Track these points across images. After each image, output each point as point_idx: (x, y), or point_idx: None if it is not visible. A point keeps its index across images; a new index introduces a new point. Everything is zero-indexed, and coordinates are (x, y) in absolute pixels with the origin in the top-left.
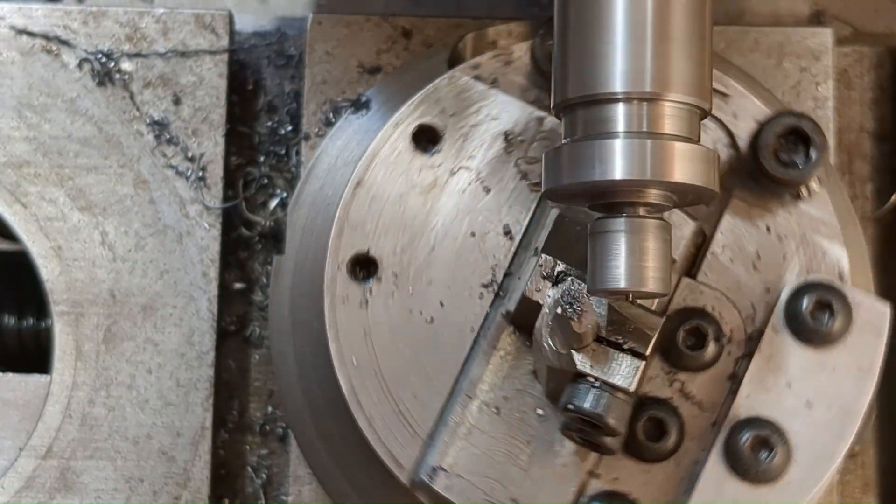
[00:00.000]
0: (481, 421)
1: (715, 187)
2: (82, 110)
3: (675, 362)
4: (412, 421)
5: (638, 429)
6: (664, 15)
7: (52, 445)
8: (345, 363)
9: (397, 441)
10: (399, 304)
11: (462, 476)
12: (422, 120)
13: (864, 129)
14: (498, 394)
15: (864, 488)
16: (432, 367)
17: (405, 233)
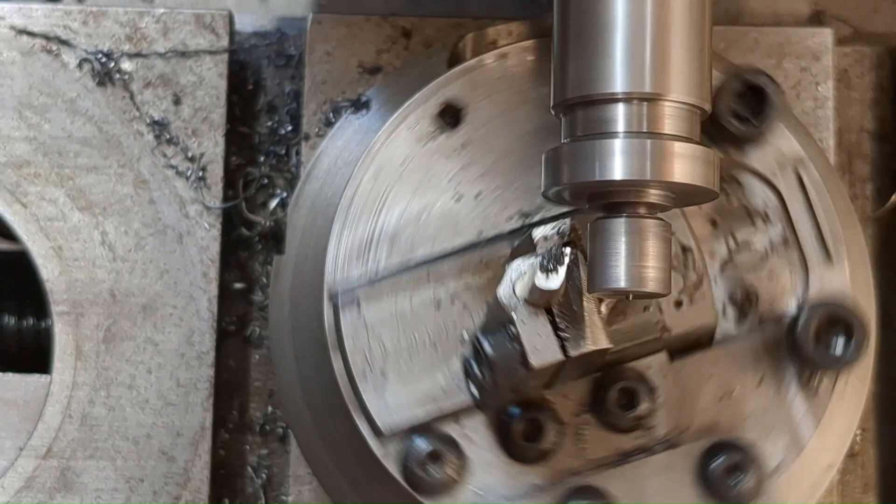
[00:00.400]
0: (419, 300)
1: (715, 187)
2: (82, 110)
3: (595, 404)
4: (373, 256)
5: (520, 421)
6: (664, 15)
7: (52, 445)
8: (368, 169)
9: (349, 260)
10: (448, 167)
11: (365, 324)
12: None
13: (865, 129)
14: (450, 293)
15: (864, 488)
16: (426, 234)
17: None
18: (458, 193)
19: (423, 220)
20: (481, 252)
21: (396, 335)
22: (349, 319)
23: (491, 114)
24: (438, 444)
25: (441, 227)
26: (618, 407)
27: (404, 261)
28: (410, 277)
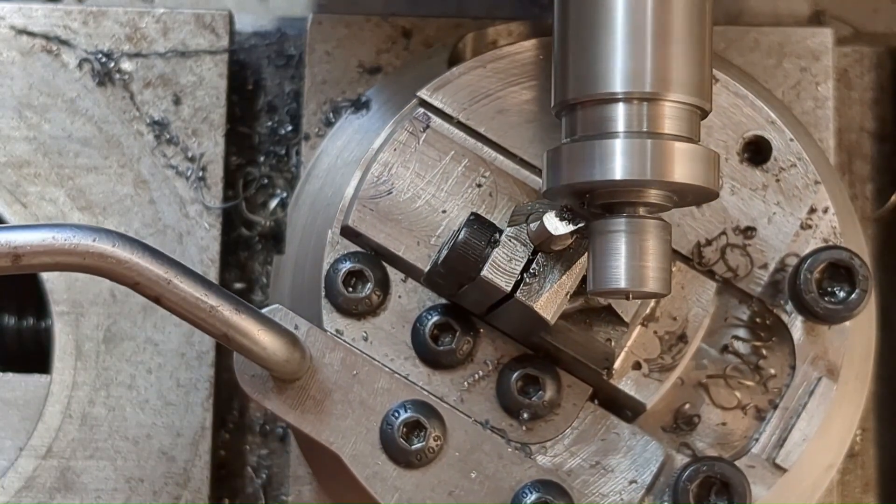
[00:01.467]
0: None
1: (715, 187)
2: (82, 110)
3: (500, 381)
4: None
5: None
6: (664, 15)
7: (52, 445)
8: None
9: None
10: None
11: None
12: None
13: (865, 129)
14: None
15: (864, 488)
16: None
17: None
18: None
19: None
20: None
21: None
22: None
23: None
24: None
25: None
26: (518, 392)
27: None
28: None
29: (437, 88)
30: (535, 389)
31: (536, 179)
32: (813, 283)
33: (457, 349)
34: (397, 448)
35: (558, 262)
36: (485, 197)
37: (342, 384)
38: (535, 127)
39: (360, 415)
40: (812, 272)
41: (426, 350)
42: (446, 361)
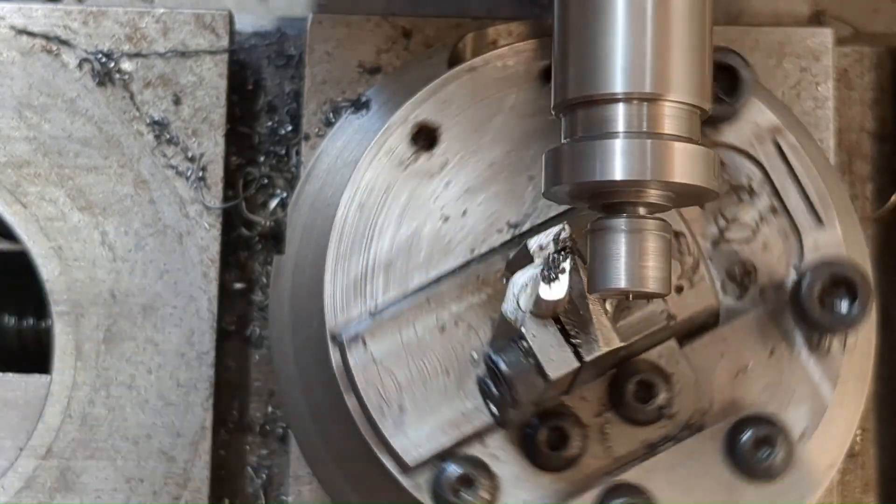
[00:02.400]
0: (423, 327)
1: (715, 187)
2: (82, 110)
3: (614, 401)
4: (370, 289)
5: (543, 431)
6: (664, 15)
7: (52, 445)
8: (352, 200)
9: (346, 297)
10: (431, 189)
11: (374, 359)
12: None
13: (865, 129)
14: (453, 315)
15: (864, 488)
16: (419, 258)
17: (478, 130)
18: (444, 215)
19: (414, 246)
20: (477, 269)
21: (407, 366)
22: (357, 358)
23: (465, 130)
24: (467, 468)
25: (433, 250)
26: (637, 400)
27: (402, 290)
28: (411, 305)
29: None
30: (651, 391)
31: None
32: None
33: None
34: None
35: (575, 301)
36: (464, 332)
37: None
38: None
39: None
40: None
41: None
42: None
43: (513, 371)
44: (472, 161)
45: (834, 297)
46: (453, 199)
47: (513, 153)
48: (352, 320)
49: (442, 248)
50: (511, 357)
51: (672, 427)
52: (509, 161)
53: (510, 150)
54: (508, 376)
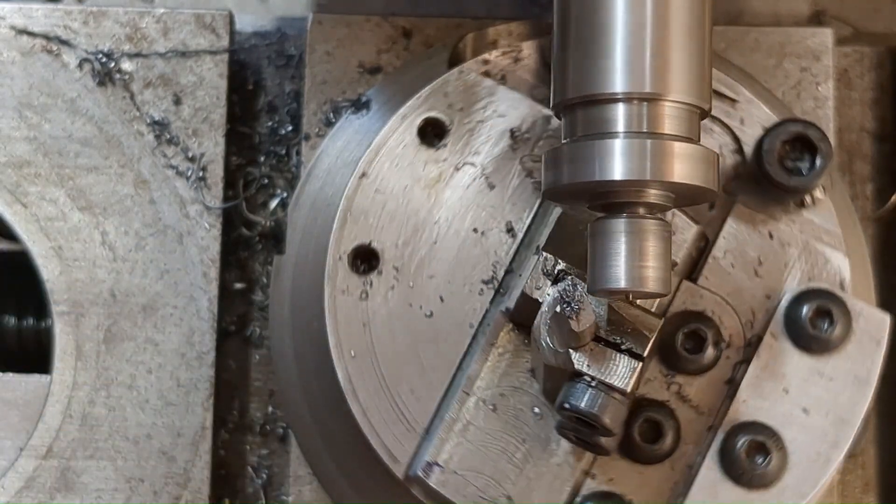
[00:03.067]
0: (477, 417)
1: (714, 187)
2: (83, 110)
3: (674, 365)
4: (408, 415)
5: (634, 430)
6: (664, 15)
7: (52, 445)
8: (343, 354)
9: (393, 435)
10: (399, 298)
11: (457, 472)
12: (429, 114)
13: (865, 129)
14: (495, 391)
15: (865, 488)
16: (430, 362)
17: (408, 226)
18: (426, 312)
19: (418, 354)
20: (487, 339)
21: (487, 459)
22: (442, 482)
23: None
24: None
25: (437, 348)
26: (692, 352)
27: (435, 397)
28: (454, 407)
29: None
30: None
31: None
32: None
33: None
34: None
35: (600, 313)
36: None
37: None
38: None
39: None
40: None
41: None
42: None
43: (594, 407)
44: (417, 254)
45: (791, 157)
46: (424, 294)
47: (446, 223)
48: (412, 454)
49: (444, 341)
50: (583, 395)
51: (735, 354)
52: (447, 230)
53: (442, 223)
54: (592, 413)
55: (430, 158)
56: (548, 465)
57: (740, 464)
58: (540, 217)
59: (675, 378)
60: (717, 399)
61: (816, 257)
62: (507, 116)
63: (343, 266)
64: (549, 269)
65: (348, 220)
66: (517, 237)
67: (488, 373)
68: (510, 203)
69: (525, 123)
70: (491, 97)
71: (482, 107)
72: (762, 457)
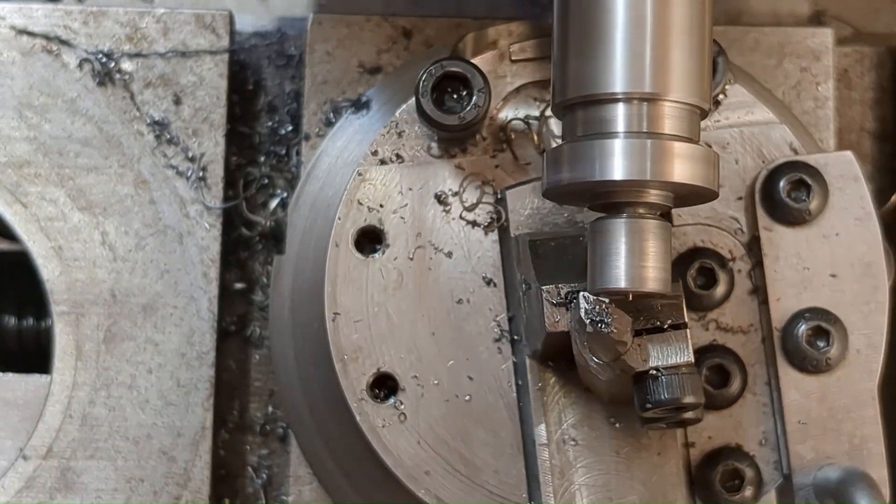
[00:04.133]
0: (567, 458)
1: (715, 187)
2: (83, 110)
3: (699, 306)
4: (506, 494)
5: (703, 383)
6: (664, 15)
7: (52, 445)
8: (418, 479)
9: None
10: (434, 401)
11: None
12: (357, 227)
13: (865, 129)
14: (567, 427)
15: None
16: (494, 438)
17: (402, 335)
18: (462, 396)
19: (484, 439)
20: (533, 390)
21: (604, 487)
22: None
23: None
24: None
25: (494, 425)
26: (706, 287)
27: (520, 463)
28: (546, 461)
29: None
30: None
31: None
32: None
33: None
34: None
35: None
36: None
37: None
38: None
39: None
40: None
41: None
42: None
43: (674, 392)
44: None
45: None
46: (449, 386)
47: (427, 319)
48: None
49: (495, 415)
50: (656, 388)
51: (744, 262)
52: (436, 322)
53: (428, 320)
54: (675, 400)
55: (382, 265)
56: (651, 459)
57: (810, 355)
58: (507, 255)
59: (708, 316)
60: (754, 312)
61: (758, 139)
62: (423, 186)
63: (368, 403)
64: (558, 297)
65: (347, 362)
66: (499, 285)
67: (551, 415)
68: (474, 259)
69: (442, 183)
70: (399, 179)
71: (397, 192)
72: (823, 339)
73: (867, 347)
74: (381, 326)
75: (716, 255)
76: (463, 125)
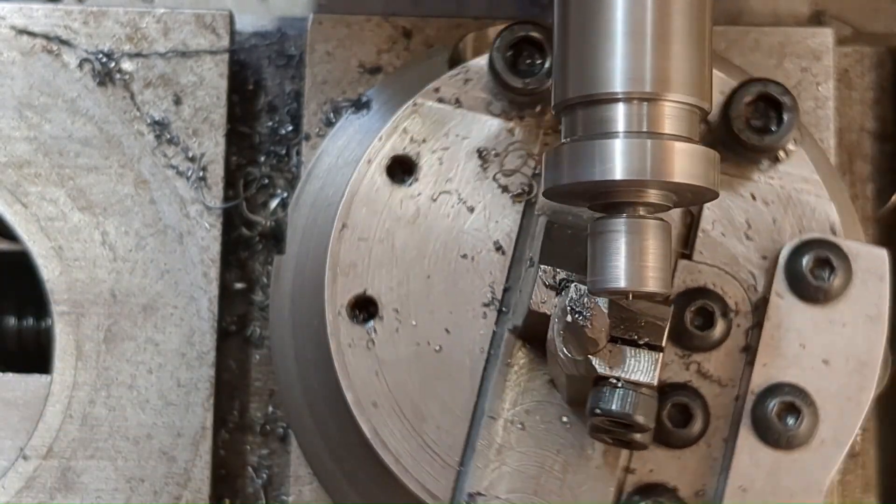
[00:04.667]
0: (509, 439)
1: (715, 187)
2: (83, 110)
3: (688, 344)
4: (440, 452)
5: (664, 416)
6: (664, 15)
7: (52, 445)
8: (363, 407)
9: (429, 474)
10: (405, 339)
11: (500, 497)
12: (394, 152)
13: (865, 129)
14: (520, 409)
15: (865, 488)
16: (450, 396)
17: (398, 267)
18: (434, 347)
19: (436, 392)
20: (501, 360)
21: (528, 479)
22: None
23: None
24: (650, 499)
25: (453, 383)
26: (703, 328)
27: (462, 429)
28: (483, 434)
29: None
30: (710, 317)
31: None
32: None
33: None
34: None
35: (611, 313)
36: (539, 418)
37: None
38: None
39: None
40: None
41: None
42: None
43: (626, 408)
44: (412, 296)
45: (757, 118)
46: (428, 334)
47: (431, 262)
48: (452, 489)
49: (458, 374)
50: (609, 397)
51: (745, 319)
52: (435, 268)
53: (426, 262)
54: (626, 414)
55: (404, 196)
56: (587, 470)
57: (775, 427)
58: (525, 229)
59: (692, 357)
60: (737, 368)
61: (802, 208)
62: (470, 138)
63: (343, 319)
64: (552, 280)
65: (338, 274)
66: (507, 254)
67: (509, 393)
68: (493, 222)
69: (489, 140)
70: (450, 122)
71: (444, 133)
72: (794, 417)
73: (833, 441)
74: (381, 252)
75: (721, 302)
76: (526, 90)
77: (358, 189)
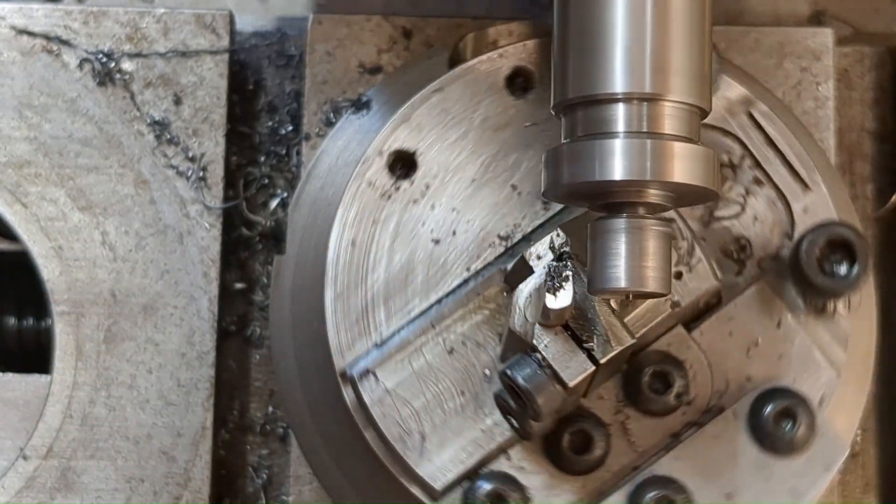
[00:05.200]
0: (431, 351)
1: (714, 187)
2: (83, 110)
3: (631, 396)
4: (372, 321)
5: (565, 436)
6: (664, 15)
7: (52, 445)
8: (341, 237)
9: (350, 332)
10: (417, 213)
11: (387, 390)
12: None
13: (865, 129)
14: (459, 336)
15: (865, 488)
16: (416, 284)
17: (456, 154)
18: (434, 238)
19: (409, 273)
20: (476, 287)
21: (421, 393)
22: (371, 393)
23: (441, 151)
24: (497, 483)
25: (429, 274)
26: (653, 392)
27: (404, 318)
28: (415, 332)
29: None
30: (666, 379)
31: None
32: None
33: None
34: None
35: (581, 305)
36: (473, 351)
37: None
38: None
39: None
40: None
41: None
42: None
43: (531, 384)
44: (454, 180)
45: (832, 259)
46: (441, 222)
47: (492, 166)
48: (359, 357)
49: (438, 271)
50: (526, 370)
51: (692, 413)
52: (490, 175)
53: (489, 164)
54: (528, 390)
55: (511, 105)
56: (472, 426)
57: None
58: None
59: (627, 409)
60: (656, 446)
61: (810, 365)
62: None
63: (380, 161)
64: (558, 246)
65: (402, 124)
66: (549, 212)
67: (462, 318)
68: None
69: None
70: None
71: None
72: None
73: None
74: (456, 132)
75: (685, 383)
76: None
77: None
